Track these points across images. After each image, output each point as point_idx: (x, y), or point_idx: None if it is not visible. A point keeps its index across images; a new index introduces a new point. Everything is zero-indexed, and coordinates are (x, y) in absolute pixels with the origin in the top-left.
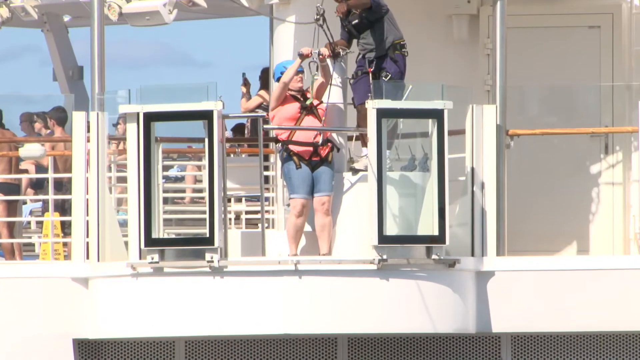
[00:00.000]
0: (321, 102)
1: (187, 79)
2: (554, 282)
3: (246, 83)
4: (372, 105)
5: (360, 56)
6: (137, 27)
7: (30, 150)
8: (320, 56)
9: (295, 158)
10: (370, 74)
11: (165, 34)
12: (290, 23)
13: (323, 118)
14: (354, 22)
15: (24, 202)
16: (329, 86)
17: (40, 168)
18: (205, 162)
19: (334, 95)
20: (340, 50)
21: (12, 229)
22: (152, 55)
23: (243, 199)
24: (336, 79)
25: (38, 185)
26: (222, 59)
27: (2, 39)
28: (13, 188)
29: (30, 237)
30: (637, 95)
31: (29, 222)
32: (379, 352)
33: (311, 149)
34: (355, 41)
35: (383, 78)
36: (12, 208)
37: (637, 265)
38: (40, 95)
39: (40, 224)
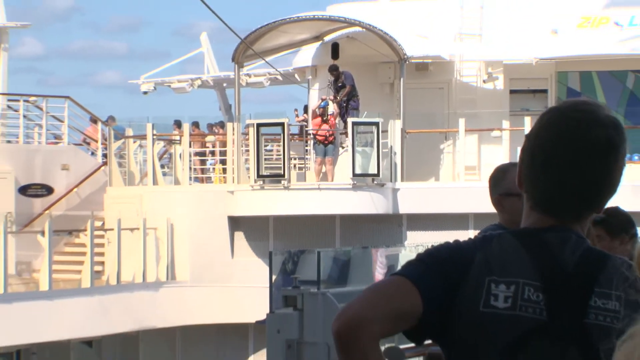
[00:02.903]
0: (329, 119)
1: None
2: None
3: (299, 115)
4: (351, 121)
5: (341, 97)
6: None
7: None
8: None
9: (318, 140)
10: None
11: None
12: (315, 89)
13: (332, 124)
14: (339, 85)
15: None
16: (335, 111)
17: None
18: (281, 144)
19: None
20: (338, 97)
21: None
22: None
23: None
24: (335, 110)
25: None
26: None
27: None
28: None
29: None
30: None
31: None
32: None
33: (324, 137)
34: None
35: (352, 110)
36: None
37: None
38: (218, 120)
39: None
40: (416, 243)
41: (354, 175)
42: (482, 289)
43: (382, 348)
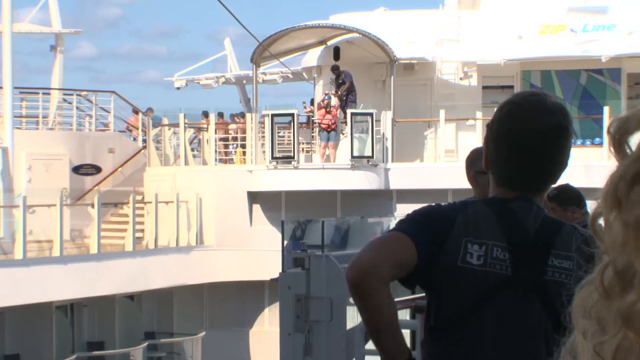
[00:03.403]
0: (331, 110)
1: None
2: None
3: (306, 107)
4: (349, 112)
5: (342, 92)
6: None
7: None
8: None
9: (322, 128)
10: (346, 102)
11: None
12: (320, 85)
13: (334, 115)
14: (340, 82)
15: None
16: (336, 104)
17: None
18: (291, 131)
19: (337, 104)
20: (339, 92)
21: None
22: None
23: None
24: (336, 103)
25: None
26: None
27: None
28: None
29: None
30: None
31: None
32: (353, 195)
33: (327, 126)
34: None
35: (350, 102)
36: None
37: None
38: (239, 111)
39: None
40: (404, 214)
41: (352, 157)
42: (460, 247)
43: None
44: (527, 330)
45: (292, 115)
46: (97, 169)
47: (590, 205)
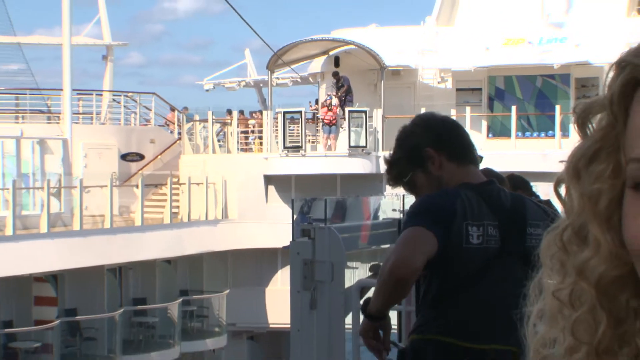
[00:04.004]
0: (332, 108)
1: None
2: None
3: (312, 105)
4: (347, 110)
5: (341, 94)
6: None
7: None
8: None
9: (325, 123)
10: (345, 100)
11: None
12: (323, 88)
13: (334, 112)
14: (339, 85)
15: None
16: (336, 103)
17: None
18: (300, 125)
19: (337, 104)
20: (339, 93)
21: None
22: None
23: (310, 136)
24: (336, 102)
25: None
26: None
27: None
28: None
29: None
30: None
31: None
32: (350, 178)
33: (329, 121)
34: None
35: (348, 102)
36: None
37: None
38: (257, 109)
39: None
40: (392, 194)
41: (350, 147)
42: (463, 230)
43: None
44: (513, 290)
45: (300, 112)
46: (141, 156)
47: (546, 190)
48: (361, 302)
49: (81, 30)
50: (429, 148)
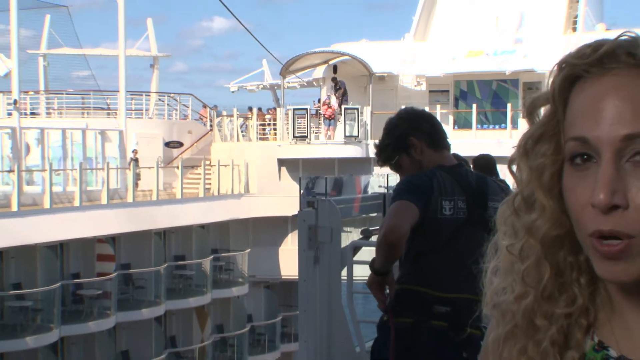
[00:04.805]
0: (331, 106)
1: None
2: None
3: (315, 104)
4: (343, 107)
5: (338, 95)
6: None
7: None
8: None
9: (326, 118)
10: (342, 100)
11: None
12: (324, 90)
13: (333, 109)
14: (337, 88)
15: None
16: (335, 102)
17: None
18: (306, 119)
19: (335, 102)
20: (336, 94)
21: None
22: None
23: (314, 127)
24: (336, 101)
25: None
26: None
27: (260, 93)
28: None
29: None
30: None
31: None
32: (346, 161)
33: (329, 116)
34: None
35: (344, 101)
36: None
37: None
38: (272, 107)
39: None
40: (378, 174)
41: (345, 136)
42: (438, 204)
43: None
44: (476, 251)
45: (306, 109)
46: (180, 144)
47: (500, 169)
48: (370, 260)
49: (134, 44)
50: (412, 137)
